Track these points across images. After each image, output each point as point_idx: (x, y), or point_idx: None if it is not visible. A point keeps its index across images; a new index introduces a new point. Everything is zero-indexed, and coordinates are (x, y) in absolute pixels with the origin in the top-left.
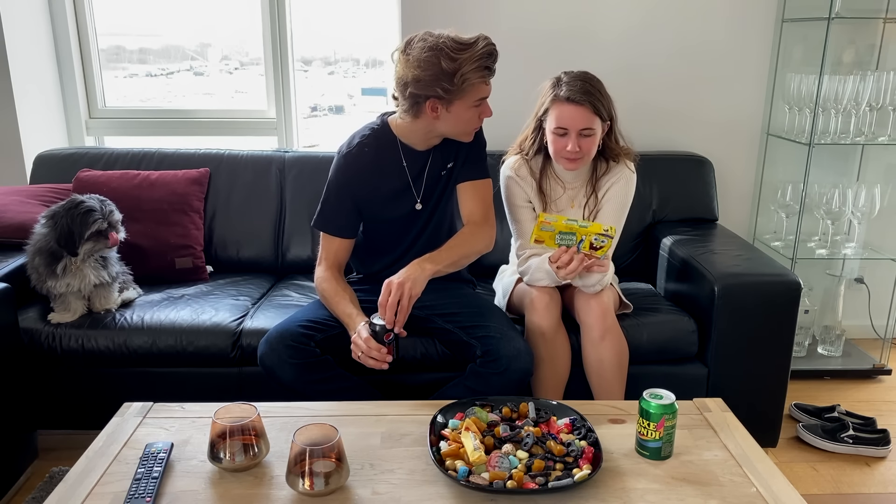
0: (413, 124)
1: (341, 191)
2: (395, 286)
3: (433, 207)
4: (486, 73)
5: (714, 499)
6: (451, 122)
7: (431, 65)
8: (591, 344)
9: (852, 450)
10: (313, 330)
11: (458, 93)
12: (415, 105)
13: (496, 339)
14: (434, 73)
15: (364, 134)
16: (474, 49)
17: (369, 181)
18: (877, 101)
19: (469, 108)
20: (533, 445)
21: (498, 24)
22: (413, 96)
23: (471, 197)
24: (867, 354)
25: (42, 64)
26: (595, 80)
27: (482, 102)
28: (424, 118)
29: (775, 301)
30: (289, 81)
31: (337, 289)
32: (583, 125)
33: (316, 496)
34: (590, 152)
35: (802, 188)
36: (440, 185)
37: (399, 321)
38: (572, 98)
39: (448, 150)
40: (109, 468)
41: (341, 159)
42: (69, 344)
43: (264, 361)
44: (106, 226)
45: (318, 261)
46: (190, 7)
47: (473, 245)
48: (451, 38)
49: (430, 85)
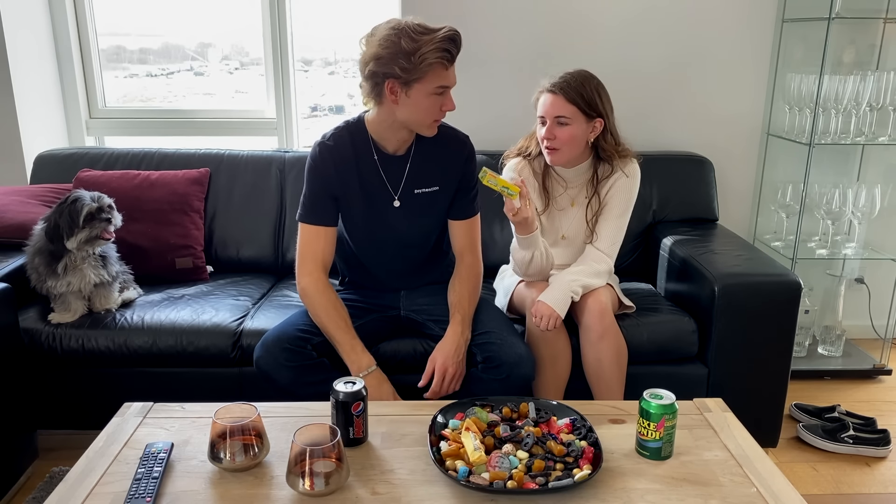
0: (378, 114)
1: (319, 180)
2: (438, 368)
3: (416, 215)
4: (446, 57)
5: (714, 499)
6: (410, 108)
7: (392, 43)
8: (589, 344)
9: (852, 450)
10: (310, 333)
11: (416, 73)
12: (375, 87)
13: (497, 346)
14: (393, 51)
15: (339, 126)
16: (436, 33)
17: (343, 171)
18: (877, 101)
19: (429, 96)
20: (533, 445)
21: (497, 24)
22: (372, 76)
23: (465, 233)
24: (867, 354)
25: (42, 64)
26: (583, 77)
27: (444, 92)
28: (386, 104)
29: (775, 301)
30: (289, 81)
31: (331, 306)
32: (556, 113)
33: (316, 496)
34: (566, 143)
35: (802, 188)
36: (425, 201)
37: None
38: (550, 88)
39: (433, 170)
40: (109, 468)
41: (316, 148)
42: (69, 344)
43: (261, 365)
44: (96, 207)
45: (299, 265)
46: (190, 7)
47: (480, 283)
48: (417, 22)
49: (389, 63)
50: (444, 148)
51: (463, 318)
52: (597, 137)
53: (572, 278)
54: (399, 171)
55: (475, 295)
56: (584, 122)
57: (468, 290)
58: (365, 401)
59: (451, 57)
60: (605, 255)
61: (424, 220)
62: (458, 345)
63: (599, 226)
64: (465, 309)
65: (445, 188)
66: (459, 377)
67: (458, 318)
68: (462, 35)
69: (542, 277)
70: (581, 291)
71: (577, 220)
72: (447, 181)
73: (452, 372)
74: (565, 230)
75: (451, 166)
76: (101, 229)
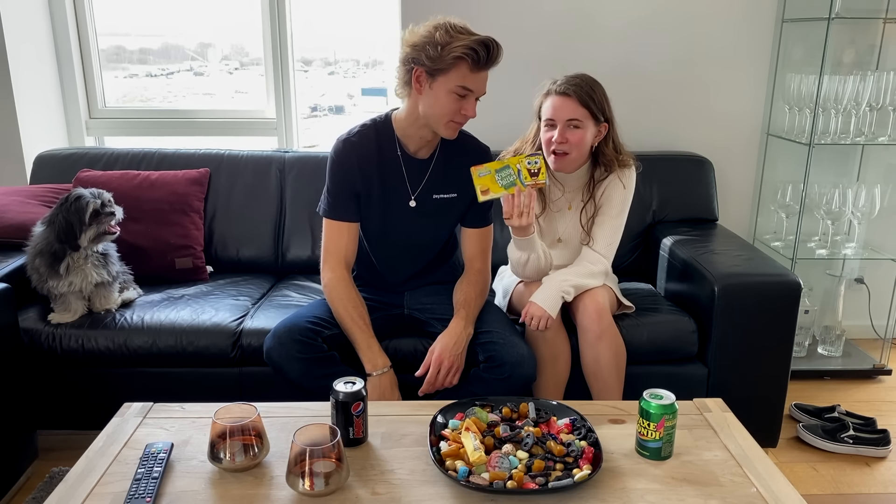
0: (406, 109)
1: (342, 176)
2: (435, 359)
3: (429, 218)
4: (473, 56)
5: (714, 499)
6: (430, 100)
7: (429, 34)
8: (587, 345)
9: (852, 450)
10: (321, 326)
11: (441, 64)
12: (406, 74)
13: (499, 346)
14: (427, 40)
15: (365, 123)
16: (472, 35)
17: (366, 168)
18: (877, 101)
19: (449, 93)
20: (533, 446)
21: (499, 23)
22: (404, 62)
23: (477, 242)
24: (867, 355)
25: (42, 64)
26: (591, 81)
27: (467, 95)
28: (413, 95)
29: (775, 301)
30: (289, 81)
31: (352, 305)
32: (569, 115)
33: (316, 496)
34: (576, 147)
35: (802, 188)
36: (441, 206)
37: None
38: (560, 90)
39: (454, 176)
40: (109, 468)
41: (339, 144)
42: (69, 344)
43: (272, 356)
44: (100, 203)
45: (323, 260)
46: (190, 7)
47: (487, 289)
48: (461, 24)
49: (420, 50)
50: (466, 156)
51: (467, 315)
52: (599, 143)
53: (564, 278)
54: (421, 173)
55: (482, 298)
56: (594, 126)
57: (475, 292)
58: (365, 401)
59: (478, 57)
60: (600, 256)
61: (437, 224)
62: (458, 338)
63: (595, 227)
64: (470, 307)
65: (463, 196)
66: (457, 371)
67: (463, 314)
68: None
69: (540, 278)
70: (573, 292)
71: (574, 222)
72: (465, 189)
73: (448, 364)
74: (562, 233)
75: None
76: (107, 224)
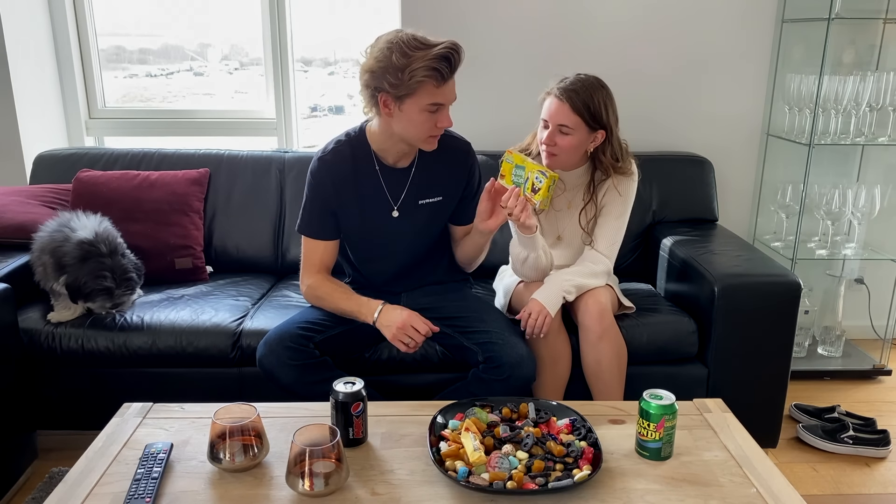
0: (378, 125)
1: (318, 195)
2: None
3: (416, 225)
4: (437, 76)
5: (714, 499)
6: (403, 122)
7: (385, 57)
8: (588, 345)
9: (852, 450)
10: (312, 331)
11: (406, 89)
12: (371, 99)
13: (498, 346)
14: (385, 65)
15: (340, 139)
16: (430, 49)
17: (341, 187)
18: (877, 101)
19: (421, 112)
20: (533, 446)
21: (497, 24)
22: (366, 88)
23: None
24: (867, 355)
25: (42, 64)
26: (593, 87)
27: (438, 109)
28: (382, 117)
29: (775, 301)
30: (289, 82)
31: (334, 288)
32: (560, 121)
33: (316, 496)
34: (564, 151)
35: (802, 188)
36: (428, 211)
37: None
38: (557, 93)
39: (437, 180)
40: (109, 468)
41: (316, 163)
42: (69, 344)
43: (263, 364)
44: (114, 285)
45: (303, 271)
46: (190, 7)
47: None
48: (414, 36)
49: (380, 77)
50: (447, 158)
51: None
52: (596, 148)
53: (566, 278)
54: (401, 182)
55: None
56: (586, 133)
57: None
58: (364, 401)
59: (442, 75)
60: (602, 256)
61: (428, 229)
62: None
63: (597, 228)
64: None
65: (449, 198)
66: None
67: None
68: (465, 36)
69: (540, 277)
70: (575, 292)
71: (574, 221)
72: (451, 191)
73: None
74: (561, 231)
75: (455, 176)
76: (111, 304)
